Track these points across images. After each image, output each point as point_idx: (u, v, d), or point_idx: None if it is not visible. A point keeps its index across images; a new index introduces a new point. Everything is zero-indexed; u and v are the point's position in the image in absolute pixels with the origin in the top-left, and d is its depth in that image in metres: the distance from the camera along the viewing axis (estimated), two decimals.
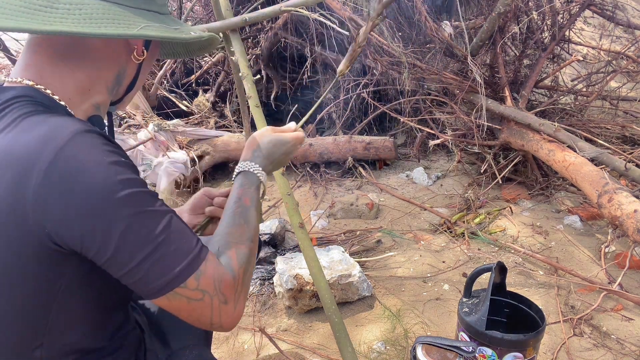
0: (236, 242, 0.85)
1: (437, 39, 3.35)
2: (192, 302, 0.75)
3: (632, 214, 1.87)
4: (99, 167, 0.69)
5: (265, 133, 1.08)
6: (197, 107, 4.14)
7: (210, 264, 0.77)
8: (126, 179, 0.71)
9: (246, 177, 0.98)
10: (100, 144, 0.72)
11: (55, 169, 0.67)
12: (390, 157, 3.55)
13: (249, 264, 0.84)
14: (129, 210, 0.70)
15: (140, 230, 0.71)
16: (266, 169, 1.03)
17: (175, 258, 0.74)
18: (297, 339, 1.86)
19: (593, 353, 1.76)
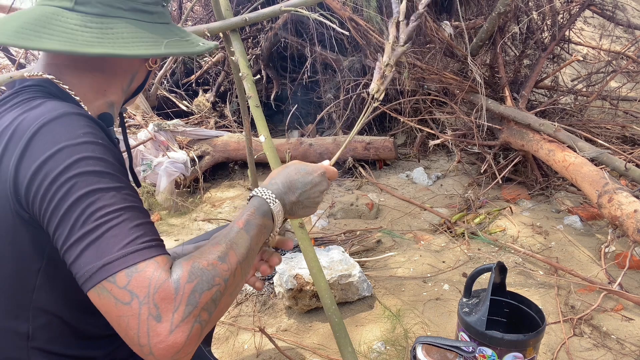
0: (198, 257, 0.70)
1: (437, 39, 3.35)
2: (119, 306, 0.63)
3: (632, 214, 1.87)
4: (69, 139, 0.69)
5: (289, 163, 0.96)
6: (197, 107, 4.14)
7: (152, 265, 0.65)
8: (92, 155, 0.69)
9: (254, 201, 0.85)
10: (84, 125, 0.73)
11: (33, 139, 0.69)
12: (390, 157, 3.55)
13: (208, 286, 0.67)
14: (81, 183, 0.67)
15: (86, 205, 0.66)
16: (285, 198, 0.87)
17: (112, 244, 0.65)
18: (297, 339, 1.86)
19: (593, 353, 1.76)
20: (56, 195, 0.66)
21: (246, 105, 2.01)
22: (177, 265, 0.67)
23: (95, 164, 0.69)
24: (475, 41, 3.31)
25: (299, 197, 0.90)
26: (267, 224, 0.83)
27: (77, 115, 0.73)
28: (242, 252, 0.75)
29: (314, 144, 3.46)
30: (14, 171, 0.69)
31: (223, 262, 0.71)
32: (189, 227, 2.87)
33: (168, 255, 0.69)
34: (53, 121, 0.70)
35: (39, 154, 0.68)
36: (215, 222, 2.90)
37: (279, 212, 0.86)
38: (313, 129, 3.80)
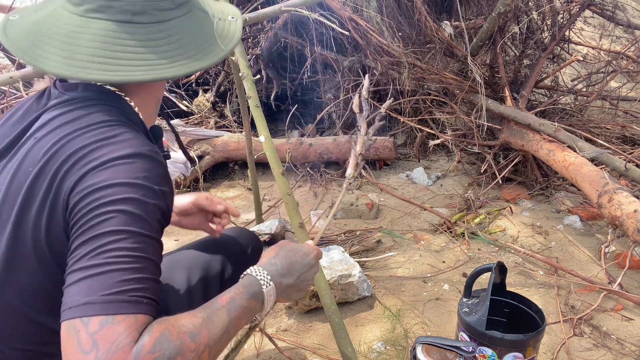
0: (172, 323, 0.66)
1: (437, 39, 3.35)
2: (78, 352, 0.60)
3: (632, 214, 1.87)
4: (129, 177, 0.71)
5: (282, 243, 0.93)
6: (197, 107, 4.14)
7: (129, 322, 0.62)
8: (140, 199, 0.70)
9: (246, 279, 0.81)
10: (148, 169, 0.74)
11: (103, 167, 0.70)
12: (390, 157, 3.55)
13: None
14: (117, 219, 0.67)
15: (108, 241, 0.66)
16: (282, 281, 0.85)
17: (104, 286, 0.63)
18: (297, 339, 1.86)
19: (593, 353, 1.76)
20: (93, 220, 0.67)
21: (246, 105, 2.01)
22: (149, 329, 0.63)
23: (138, 207, 0.69)
24: (475, 41, 3.31)
25: (296, 280, 0.88)
26: (253, 307, 0.79)
27: (145, 157, 0.74)
28: (216, 333, 0.70)
29: (314, 144, 3.46)
30: (75, 183, 0.70)
31: (192, 340, 0.66)
32: None
33: (151, 317, 0.66)
34: (124, 159, 0.71)
35: (101, 180, 0.69)
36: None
37: (271, 296, 0.82)
38: (313, 129, 3.80)
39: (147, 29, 0.77)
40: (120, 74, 0.74)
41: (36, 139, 0.75)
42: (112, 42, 0.75)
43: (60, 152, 0.71)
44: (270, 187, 3.35)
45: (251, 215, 2.87)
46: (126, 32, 0.76)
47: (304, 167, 3.49)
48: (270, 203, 3.12)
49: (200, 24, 0.85)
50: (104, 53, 0.74)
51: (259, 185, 2.49)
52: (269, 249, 0.90)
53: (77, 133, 0.73)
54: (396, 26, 3.57)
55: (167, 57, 0.78)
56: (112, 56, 0.74)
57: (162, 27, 0.79)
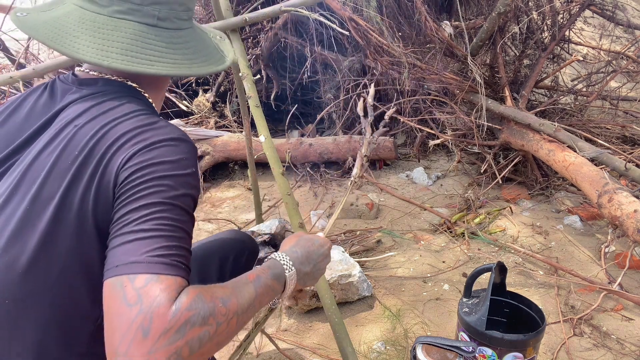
0: (206, 289, 0.70)
1: (437, 39, 3.35)
2: (123, 305, 0.64)
3: (632, 214, 1.87)
4: (185, 159, 0.79)
5: (299, 234, 1.02)
6: (197, 107, 4.14)
7: (170, 281, 0.67)
8: (192, 181, 0.78)
9: (270, 262, 0.89)
10: (194, 150, 0.83)
11: (157, 145, 0.77)
12: (390, 157, 3.55)
13: (201, 322, 0.66)
14: (170, 192, 0.74)
15: (160, 209, 0.72)
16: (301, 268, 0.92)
17: (150, 248, 0.69)
18: (297, 339, 1.86)
19: (593, 353, 1.76)
20: (143, 192, 0.73)
21: (246, 105, 2.01)
22: (186, 290, 0.68)
23: (182, 183, 0.76)
24: (475, 41, 3.31)
25: (312, 268, 0.96)
26: (275, 287, 0.85)
27: (184, 141, 0.81)
28: (244, 303, 0.75)
29: (314, 144, 3.46)
30: (126, 160, 0.75)
31: (223, 305, 0.71)
32: None
33: (187, 281, 0.71)
34: (168, 141, 0.78)
35: (151, 158, 0.76)
36: (215, 222, 2.90)
37: (292, 280, 0.89)
38: (313, 129, 3.80)
39: (170, 34, 0.88)
40: (153, 67, 0.83)
41: (77, 126, 0.81)
42: (142, 40, 0.84)
43: (107, 136, 0.78)
44: (270, 187, 3.35)
45: (251, 215, 2.87)
46: (153, 33, 0.86)
47: (304, 167, 3.49)
48: (270, 203, 3.12)
49: (203, 37, 0.97)
50: (135, 49, 0.83)
51: (259, 185, 2.49)
52: (288, 238, 0.98)
53: (120, 120, 0.80)
54: (396, 26, 3.57)
55: (187, 58, 0.89)
56: (143, 52, 0.84)
57: (180, 33, 0.90)
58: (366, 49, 3.48)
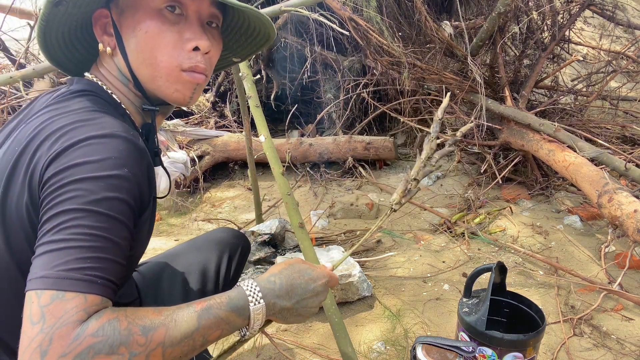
0: (125, 315, 0.64)
1: (437, 39, 3.35)
2: (27, 322, 0.61)
3: (632, 214, 1.87)
4: (104, 159, 0.70)
5: (293, 261, 0.88)
6: (197, 107, 4.14)
7: (79, 300, 0.61)
8: (116, 182, 0.70)
9: (234, 291, 0.77)
10: (125, 149, 0.73)
11: (78, 145, 0.70)
12: (390, 157, 3.55)
13: (108, 351, 0.60)
14: (87, 197, 0.67)
15: (75, 217, 0.65)
16: (276, 302, 0.80)
17: (62, 262, 0.63)
18: (297, 339, 1.86)
19: (593, 353, 1.76)
20: (59, 197, 0.67)
21: (246, 105, 2.00)
22: (100, 313, 0.63)
23: (104, 187, 0.68)
24: (475, 41, 3.31)
25: (295, 304, 0.83)
26: (232, 321, 0.74)
27: (119, 138, 0.73)
28: (175, 336, 0.66)
29: (314, 144, 3.46)
30: (50, 161, 0.70)
31: (143, 334, 0.64)
32: (189, 227, 2.87)
33: (105, 298, 0.65)
34: (97, 138, 0.71)
35: (72, 159, 0.69)
36: (215, 222, 2.90)
37: (259, 314, 0.77)
38: (313, 129, 3.80)
39: None
40: None
41: (26, 123, 0.78)
42: None
43: (42, 132, 0.73)
44: (270, 187, 3.34)
45: (251, 215, 2.87)
46: None
47: (304, 167, 3.49)
48: (270, 203, 3.12)
49: None
50: None
51: (259, 185, 2.49)
52: (276, 264, 0.86)
53: (60, 115, 0.75)
54: (396, 26, 3.57)
55: None
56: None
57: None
58: (366, 49, 3.48)
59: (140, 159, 0.75)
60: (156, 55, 0.82)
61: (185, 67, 0.83)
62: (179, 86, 0.85)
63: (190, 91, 0.86)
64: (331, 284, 0.89)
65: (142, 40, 0.81)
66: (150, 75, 0.84)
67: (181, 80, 0.84)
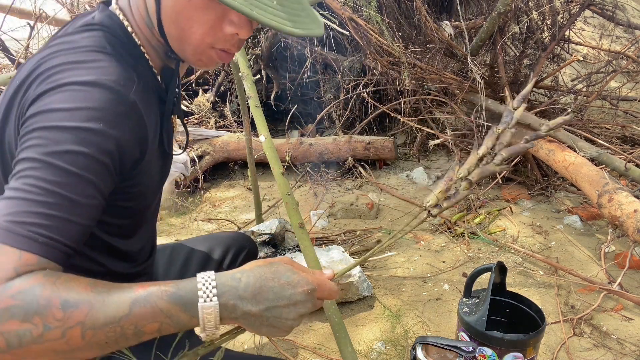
0: (53, 284, 0.58)
1: (437, 39, 3.35)
2: None
3: (632, 214, 1.87)
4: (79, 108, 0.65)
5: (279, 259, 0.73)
6: (197, 107, 4.14)
7: (12, 256, 0.58)
8: (93, 136, 0.64)
9: (188, 282, 0.65)
10: (108, 100, 0.67)
11: (56, 90, 0.66)
12: (390, 157, 3.55)
13: (22, 317, 0.55)
14: (52, 145, 0.62)
15: (37, 167, 0.61)
16: (238, 304, 0.65)
17: (7, 212, 0.59)
18: (297, 339, 1.86)
19: (593, 353, 1.76)
20: (25, 143, 0.64)
21: (246, 105, 2.00)
22: (30, 275, 0.58)
23: (73, 139, 0.63)
24: (475, 41, 3.31)
25: (264, 311, 0.67)
26: (176, 316, 0.63)
27: (105, 88, 0.67)
28: (98, 318, 0.59)
29: (314, 144, 3.46)
30: (32, 101, 0.67)
31: (62, 308, 0.57)
32: (189, 227, 2.87)
33: (45, 261, 0.60)
34: (80, 85, 0.66)
35: (47, 103, 0.65)
36: (215, 222, 2.90)
37: (210, 315, 0.64)
38: (313, 129, 3.80)
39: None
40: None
41: (36, 54, 0.74)
42: None
43: (38, 68, 0.69)
44: (270, 187, 3.34)
45: (251, 215, 2.87)
46: None
47: (304, 167, 3.49)
48: (270, 203, 3.12)
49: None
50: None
51: (259, 185, 2.49)
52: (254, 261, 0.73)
53: (60, 53, 0.70)
54: (396, 26, 3.57)
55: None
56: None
57: None
58: (366, 49, 3.48)
59: (126, 114, 0.69)
60: (192, 25, 0.74)
61: (217, 46, 0.78)
62: (204, 58, 0.80)
63: (214, 64, 0.81)
64: (322, 294, 0.73)
65: (182, 4, 0.73)
66: (178, 37, 0.77)
67: (209, 55, 0.79)
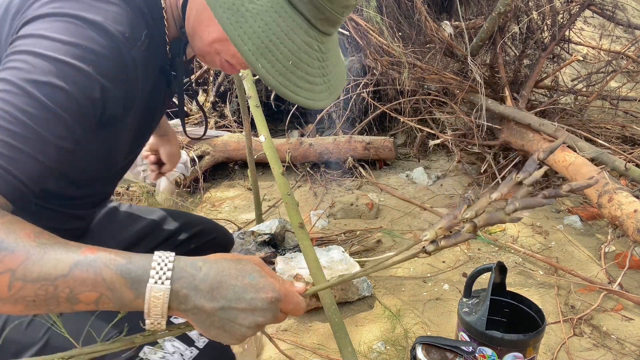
0: (14, 233, 0.54)
1: (437, 39, 3.35)
2: None
3: (632, 214, 1.87)
4: (61, 42, 0.61)
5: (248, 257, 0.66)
6: (197, 107, 4.14)
7: None
8: (77, 74, 0.61)
9: (142, 259, 0.58)
10: (110, 49, 0.64)
11: (50, 17, 0.63)
12: (390, 157, 3.55)
13: None
14: (24, 74, 0.58)
15: (7, 91, 0.58)
16: (190, 295, 0.58)
17: None
18: (297, 339, 1.86)
19: (593, 353, 1.76)
20: (11, 62, 0.60)
21: (246, 105, 2.00)
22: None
23: (55, 71, 0.59)
24: (475, 41, 3.31)
25: (218, 310, 0.59)
26: (119, 290, 0.56)
27: (102, 30, 0.63)
28: (32, 271, 0.53)
29: (314, 144, 3.46)
30: (27, 22, 0.63)
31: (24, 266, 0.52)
32: None
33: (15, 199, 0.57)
34: (75, 19, 0.62)
35: (37, 28, 0.62)
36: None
37: (159, 299, 0.56)
38: (313, 129, 3.80)
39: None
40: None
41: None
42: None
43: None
44: (270, 187, 3.34)
45: (251, 215, 2.87)
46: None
47: (304, 167, 3.49)
48: (270, 203, 3.12)
49: None
50: None
51: (259, 185, 2.49)
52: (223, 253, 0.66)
53: None
54: (396, 26, 3.57)
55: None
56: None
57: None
58: (366, 49, 3.48)
59: (121, 67, 0.67)
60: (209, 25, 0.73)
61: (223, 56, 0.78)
62: (207, 58, 0.81)
63: (216, 67, 0.81)
64: (286, 307, 0.64)
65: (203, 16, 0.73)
66: (193, 27, 0.77)
67: (212, 58, 0.79)
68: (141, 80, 0.73)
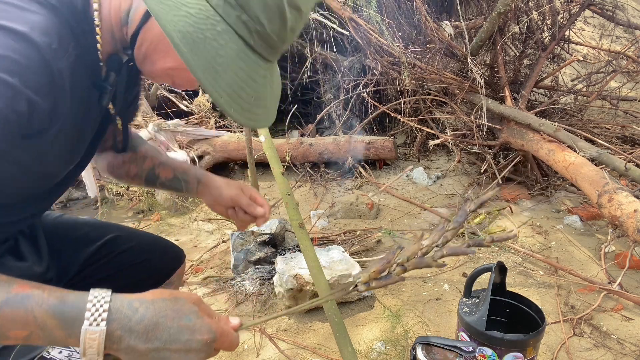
0: None
1: (437, 39, 3.35)
2: None
3: (632, 214, 1.87)
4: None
5: (185, 295, 0.67)
6: (197, 107, 4.14)
7: None
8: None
9: (76, 298, 0.59)
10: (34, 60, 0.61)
11: None
12: (390, 157, 3.55)
13: None
14: None
15: None
16: (123, 336, 0.59)
17: None
18: (297, 339, 1.86)
19: (593, 353, 1.76)
20: None
21: None
22: None
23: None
24: (475, 41, 3.31)
25: (152, 351, 0.61)
26: (51, 330, 0.57)
27: (22, 38, 0.61)
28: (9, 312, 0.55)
29: (314, 144, 3.46)
30: None
31: None
32: (189, 227, 2.87)
33: None
34: (11, 33, 0.61)
35: None
36: (215, 222, 2.90)
37: (95, 340, 0.57)
38: (313, 129, 3.80)
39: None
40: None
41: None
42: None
43: None
44: (270, 187, 3.34)
45: None
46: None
47: (304, 167, 3.49)
48: (270, 203, 3.12)
49: None
50: None
51: (259, 185, 2.49)
52: (160, 290, 0.66)
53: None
54: (396, 26, 3.57)
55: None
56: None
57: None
58: (366, 49, 3.48)
59: (48, 79, 0.65)
60: (164, 57, 0.76)
61: (176, 80, 0.81)
62: (158, 80, 0.84)
63: (167, 84, 0.82)
64: (221, 345, 0.67)
65: (160, 46, 0.75)
66: (145, 55, 0.77)
67: (165, 80, 0.81)
68: (69, 92, 0.71)
